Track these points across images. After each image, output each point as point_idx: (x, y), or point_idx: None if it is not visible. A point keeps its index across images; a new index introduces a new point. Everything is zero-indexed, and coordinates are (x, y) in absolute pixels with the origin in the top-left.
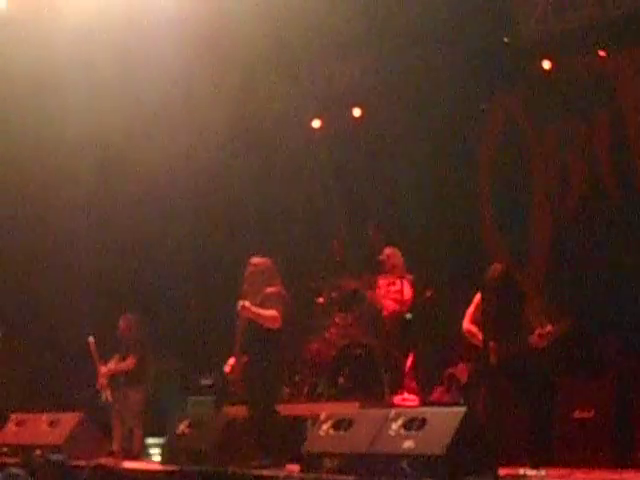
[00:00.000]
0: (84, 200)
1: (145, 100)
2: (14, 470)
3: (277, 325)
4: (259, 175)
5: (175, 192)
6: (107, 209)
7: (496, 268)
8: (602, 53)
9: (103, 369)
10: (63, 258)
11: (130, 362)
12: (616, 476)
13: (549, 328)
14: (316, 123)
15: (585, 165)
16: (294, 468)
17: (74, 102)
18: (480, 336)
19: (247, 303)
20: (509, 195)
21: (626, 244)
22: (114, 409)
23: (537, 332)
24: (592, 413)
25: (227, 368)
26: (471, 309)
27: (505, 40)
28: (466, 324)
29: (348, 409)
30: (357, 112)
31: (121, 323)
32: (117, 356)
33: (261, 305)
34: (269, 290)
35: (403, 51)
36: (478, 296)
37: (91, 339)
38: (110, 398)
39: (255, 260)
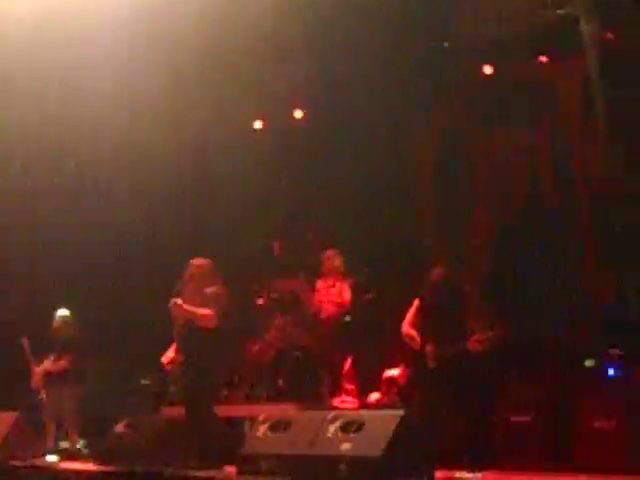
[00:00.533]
0: (16, 197)
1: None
2: None
3: (212, 324)
4: (200, 176)
5: (114, 193)
6: (41, 207)
7: (437, 271)
8: (543, 59)
9: (37, 369)
10: None
11: (65, 362)
12: (552, 479)
13: (488, 334)
14: (258, 124)
15: (527, 168)
16: (231, 470)
17: (19, 98)
18: (419, 340)
19: (179, 301)
20: (450, 197)
21: (565, 247)
22: (48, 409)
23: (475, 337)
24: (529, 417)
25: (165, 359)
26: (411, 313)
27: (445, 45)
28: (405, 328)
29: (286, 411)
30: (298, 114)
31: (55, 322)
32: (52, 355)
33: (201, 306)
34: (209, 290)
35: (345, 54)
36: (418, 300)
37: (25, 339)
38: (45, 398)
39: (196, 262)
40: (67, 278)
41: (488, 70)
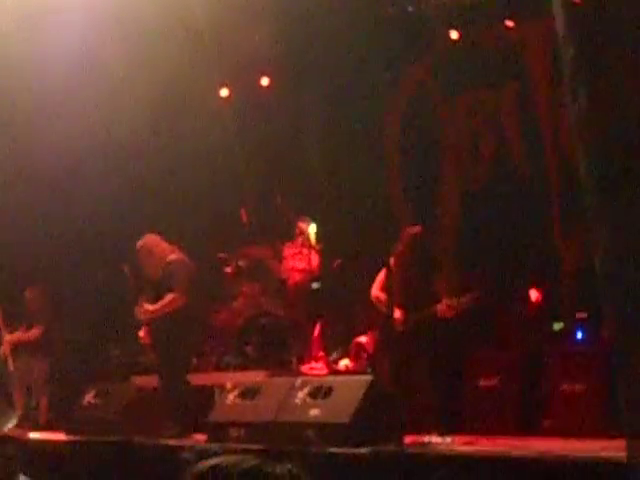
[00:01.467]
0: None
1: (52, 72)
2: None
3: (181, 302)
4: (166, 145)
5: (81, 164)
6: (10, 184)
7: (412, 229)
8: (509, 23)
9: (7, 337)
10: None
11: (35, 332)
12: (521, 443)
13: (459, 299)
14: (224, 92)
15: (494, 134)
16: (200, 438)
17: None
18: (386, 303)
19: (146, 307)
20: (418, 164)
21: (533, 213)
22: (16, 379)
23: (445, 302)
24: (497, 381)
25: (142, 332)
26: (381, 276)
27: (410, 9)
28: (374, 291)
29: (255, 378)
30: (265, 81)
31: (27, 294)
32: (23, 327)
33: (164, 278)
34: (170, 258)
35: (310, 19)
36: (390, 262)
37: None
38: (12, 367)
39: (138, 244)
40: (38, 250)
41: (454, 35)
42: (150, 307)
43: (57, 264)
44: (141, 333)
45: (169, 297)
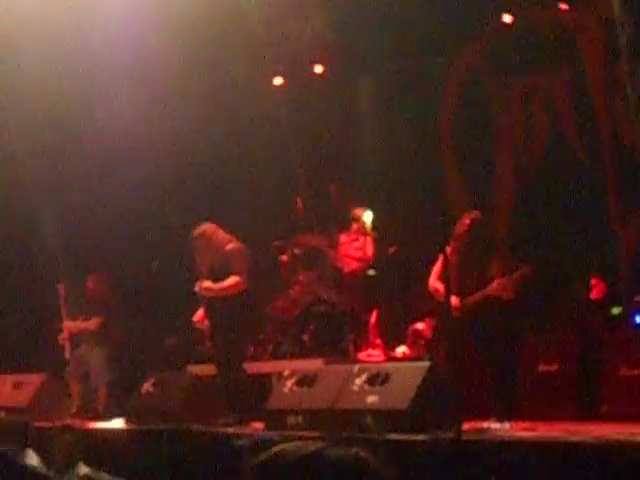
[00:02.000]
0: (44, 167)
1: (104, 66)
2: None
3: (241, 288)
4: (221, 135)
5: (138, 154)
6: (69, 174)
7: (469, 216)
8: (563, 6)
9: (68, 323)
10: (25, 221)
11: (95, 322)
12: (579, 429)
13: (511, 276)
14: (277, 81)
15: (548, 118)
16: (258, 425)
17: (30, 68)
18: (443, 292)
19: (206, 283)
20: (472, 148)
21: (589, 195)
22: (72, 368)
23: (497, 281)
24: (556, 366)
25: (196, 317)
26: (437, 266)
27: None
28: (432, 281)
29: (312, 366)
30: (318, 69)
31: (89, 282)
32: (82, 316)
33: (224, 265)
34: (229, 247)
35: (362, 5)
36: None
37: (61, 286)
38: (69, 356)
39: (197, 231)
40: (98, 241)
41: (507, 19)
42: (211, 285)
43: (117, 252)
44: (195, 318)
45: (232, 279)
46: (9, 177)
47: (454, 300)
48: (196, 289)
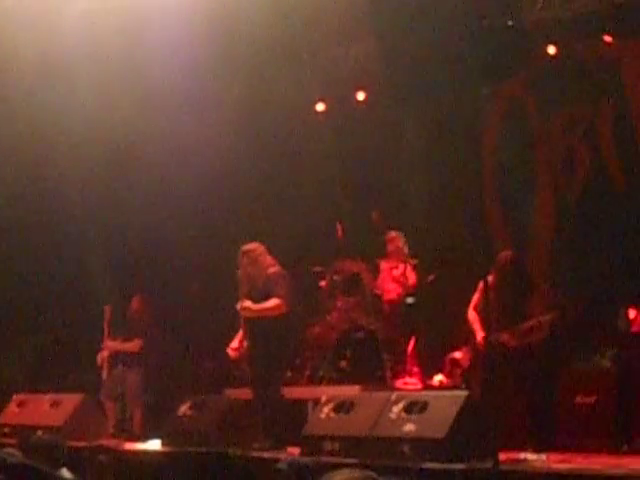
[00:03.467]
0: (93, 188)
1: (152, 89)
2: (10, 451)
3: (281, 311)
4: (263, 159)
5: (181, 177)
6: (116, 198)
7: (506, 255)
8: (607, 39)
9: (109, 343)
10: (72, 244)
11: (136, 344)
12: (617, 461)
13: (541, 319)
14: (320, 107)
15: (589, 150)
16: (294, 451)
17: (81, 91)
18: (476, 325)
19: (247, 303)
20: (513, 179)
21: (629, 229)
22: (107, 389)
23: (526, 323)
24: (594, 398)
25: (230, 351)
26: (476, 296)
27: (510, 24)
28: (470, 313)
29: (349, 392)
30: (361, 96)
31: (133, 303)
32: (121, 337)
33: (265, 287)
34: (271, 271)
35: (406, 34)
36: (482, 284)
37: (107, 307)
38: (105, 377)
39: (246, 247)
40: (139, 265)
41: (552, 50)
42: (251, 305)
43: (158, 275)
44: (230, 351)
45: (273, 301)
46: (59, 198)
47: (479, 335)
48: (237, 307)
